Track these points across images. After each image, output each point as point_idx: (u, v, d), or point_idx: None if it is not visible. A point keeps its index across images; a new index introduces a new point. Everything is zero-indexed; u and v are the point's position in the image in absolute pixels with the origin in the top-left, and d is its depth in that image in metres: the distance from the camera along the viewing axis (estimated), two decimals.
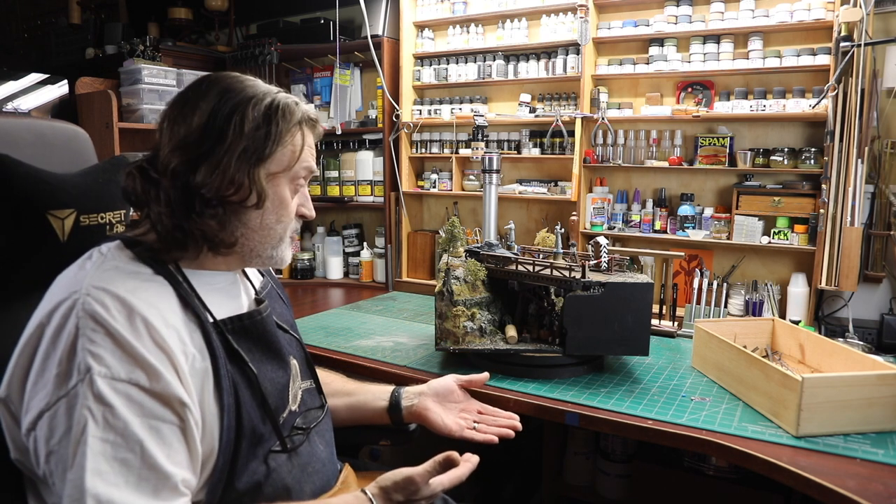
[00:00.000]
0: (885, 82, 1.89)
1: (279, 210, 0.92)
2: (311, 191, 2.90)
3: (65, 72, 3.16)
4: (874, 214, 1.94)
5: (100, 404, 0.71)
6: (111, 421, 0.71)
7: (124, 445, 0.71)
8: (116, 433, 0.71)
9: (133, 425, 0.72)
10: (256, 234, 0.91)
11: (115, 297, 0.76)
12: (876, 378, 1.21)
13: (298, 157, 0.92)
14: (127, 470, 0.71)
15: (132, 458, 0.72)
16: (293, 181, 0.94)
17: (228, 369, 0.85)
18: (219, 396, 0.82)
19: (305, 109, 0.94)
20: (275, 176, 0.91)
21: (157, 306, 0.79)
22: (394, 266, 2.73)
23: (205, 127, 0.85)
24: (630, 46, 2.31)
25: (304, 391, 1.03)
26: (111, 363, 0.73)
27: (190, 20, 3.22)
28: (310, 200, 1.00)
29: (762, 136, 2.15)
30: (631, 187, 2.36)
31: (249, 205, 0.88)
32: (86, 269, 0.81)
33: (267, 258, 0.95)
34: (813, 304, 2.00)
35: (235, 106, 0.87)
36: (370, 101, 2.85)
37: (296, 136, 0.91)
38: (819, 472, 1.07)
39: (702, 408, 1.35)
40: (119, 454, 0.71)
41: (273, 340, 0.97)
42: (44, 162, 1.01)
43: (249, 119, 0.87)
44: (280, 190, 0.92)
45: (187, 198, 0.85)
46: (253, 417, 0.86)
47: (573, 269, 1.47)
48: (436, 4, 2.58)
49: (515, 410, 1.41)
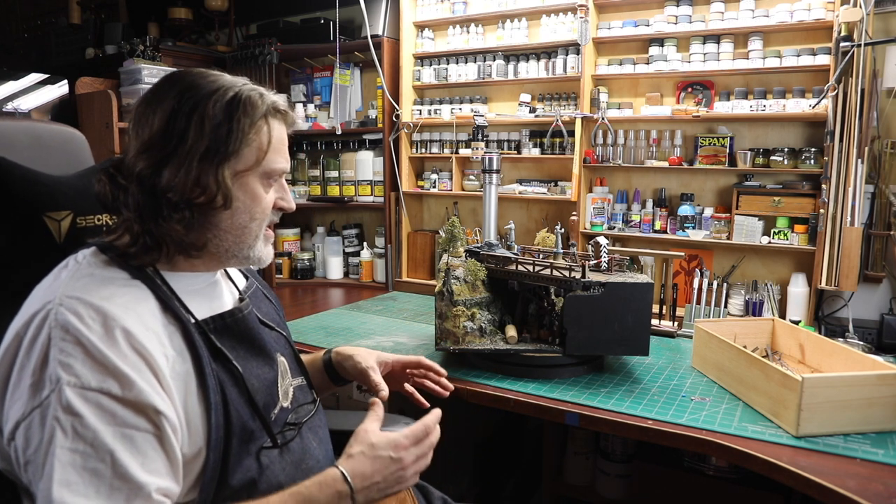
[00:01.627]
0: (885, 82, 1.89)
1: (252, 208, 0.89)
2: (311, 191, 2.93)
3: (65, 72, 3.16)
4: (874, 214, 1.94)
5: (68, 414, 0.70)
6: (80, 431, 0.70)
7: (94, 455, 0.70)
8: (86, 443, 0.70)
9: (104, 434, 0.71)
10: (230, 234, 0.89)
11: (88, 305, 0.75)
12: (876, 378, 1.21)
13: (266, 153, 0.88)
14: (98, 480, 0.70)
15: (103, 468, 0.70)
16: (265, 178, 0.90)
17: (213, 368, 0.84)
18: (204, 396, 0.82)
19: (272, 101, 0.90)
20: (243, 174, 0.87)
21: (135, 310, 0.79)
22: (394, 266, 2.73)
23: (166, 128, 0.83)
24: (630, 46, 2.31)
25: (295, 388, 1.02)
26: (81, 372, 0.72)
27: (190, 20, 3.22)
28: (289, 192, 0.96)
29: (762, 136, 2.15)
30: (631, 187, 2.36)
31: (217, 206, 0.85)
32: (60, 278, 0.80)
33: (244, 258, 0.92)
34: (813, 304, 2.00)
35: (195, 104, 0.84)
36: (370, 101, 2.85)
37: (262, 130, 0.88)
38: (819, 472, 1.07)
39: (702, 408, 1.35)
40: (89, 464, 0.70)
41: (256, 337, 0.96)
42: (41, 164, 1.01)
43: (210, 117, 0.83)
44: (251, 188, 0.88)
45: (154, 202, 0.83)
46: (242, 414, 0.86)
47: (573, 269, 1.47)
48: (436, 4, 2.58)
49: (515, 410, 1.42)
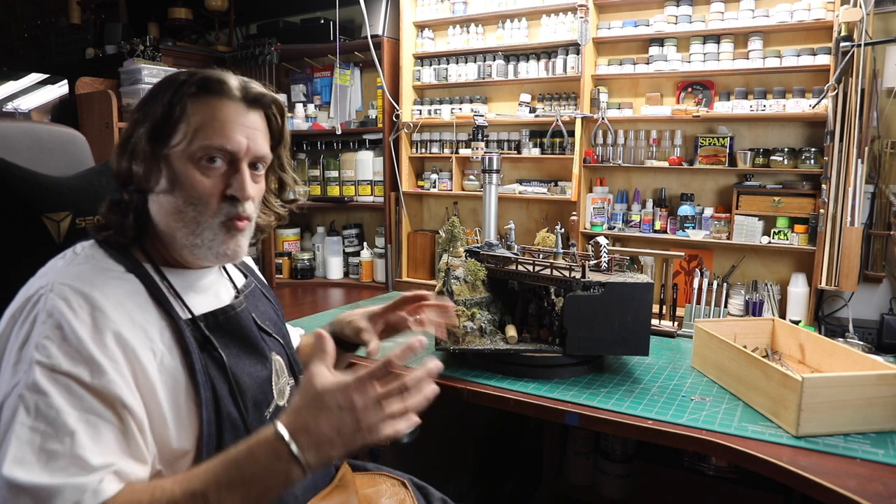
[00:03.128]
0: (885, 82, 1.89)
1: (187, 191, 0.86)
2: (311, 191, 2.92)
3: (65, 72, 3.16)
4: (874, 214, 1.94)
5: (34, 392, 0.70)
6: (43, 409, 0.70)
7: (54, 435, 0.69)
8: (47, 423, 0.69)
9: (67, 416, 0.70)
10: (170, 217, 0.87)
11: (78, 292, 0.77)
12: (876, 378, 1.21)
13: (197, 131, 0.85)
14: (53, 461, 0.68)
15: (60, 449, 0.69)
16: (196, 159, 0.86)
17: (204, 364, 0.84)
18: (195, 392, 0.82)
19: (205, 77, 0.87)
20: (173, 154, 0.86)
21: (124, 304, 0.79)
22: (394, 266, 2.73)
23: (133, 120, 0.88)
24: (630, 46, 2.31)
25: (291, 387, 1.02)
26: (54, 354, 0.72)
27: (190, 20, 3.22)
28: (243, 179, 0.88)
29: (762, 136, 2.15)
30: (631, 187, 2.36)
31: (151, 188, 0.87)
32: (58, 266, 0.83)
33: (192, 246, 0.88)
34: (813, 304, 2.00)
35: (154, 90, 0.88)
36: (370, 101, 2.85)
37: (185, 107, 0.85)
38: (819, 472, 1.07)
39: (702, 408, 1.35)
40: (47, 444, 0.69)
41: (249, 335, 0.95)
42: (41, 166, 1.02)
43: (158, 98, 0.86)
44: (180, 170, 0.85)
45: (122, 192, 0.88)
46: (232, 411, 0.86)
47: (573, 269, 1.47)
48: (436, 4, 2.58)
49: (515, 410, 1.41)
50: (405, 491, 1.14)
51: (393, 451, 1.79)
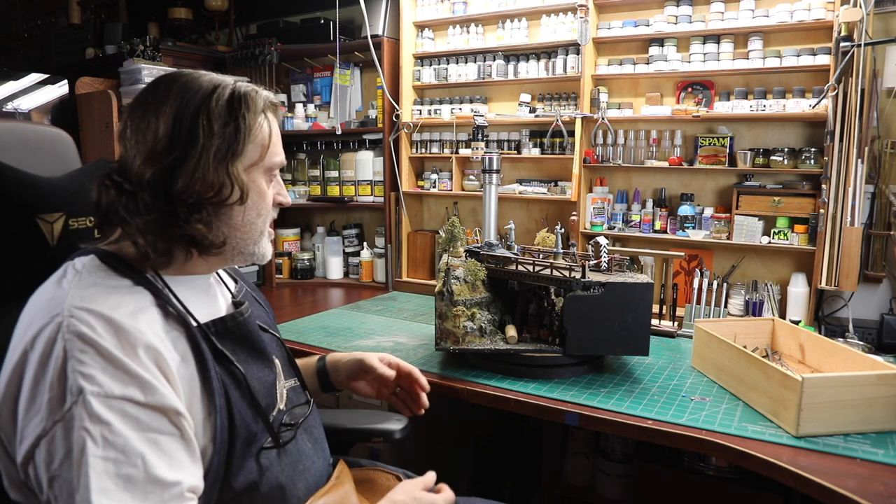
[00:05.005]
0: (885, 82, 1.89)
1: (259, 203, 0.92)
2: (311, 191, 2.93)
3: (65, 72, 3.16)
4: (874, 214, 1.94)
5: (96, 424, 0.70)
6: (110, 438, 0.71)
7: (126, 461, 0.71)
8: (117, 450, 0.71)
9: (132, 440, 0.72)
10: (239, 231, 0.91)
11: (99, 316, 0.75)
12: (876, 378, 1.21)
13: (269, 147, 0.92)
14: (132, 486, 0.71)
15: (135, 473, 0.71)
16: (268, 172, 0.93)
17: (217, 371, 0.85)
18: (209, 399, 0.82)
19: (266, 95, 0.93)
20: (250, 169, 0.90)
21: (141, 318, 0.79)
22: (394, 266, 2.73)
23: (172, 133, 0.83)
24: (630, 46, 2.31)
25: (288, 389, 1.03)
26: (103, 381, 0.72)
27: (190, 20, 3.22)
28: (283, 187, 0.99)
29: (762, 136, 2.15)
30: (631, 187, 2.36)
31: (233, 202, 0.87)
32: (63, 288, 0.79)
33: (249, 255, 0.94)
34: (813, 304, 2.00)
35: (199, 105, 0.85)
36: (370, 101, 2.85)
37: (263, 125, 0.91)
38: (819, 472, 1.07)
39: (702, 408, 1.35)
40: (122, 471, 0.71)
41: (257, 340, 0.97)
42: (28, 166, 1.00)
43: (216, 116, 0.85)
44: (258, 183, 0.91)
45: (170, 207, 0.83)
46: (245, 416, 0.86)
47: (573, 269, 1.47)
48: (436, 4, 2.58)
49: (515, 410, 1.42)
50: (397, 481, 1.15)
51: (393, 451, 1.79)
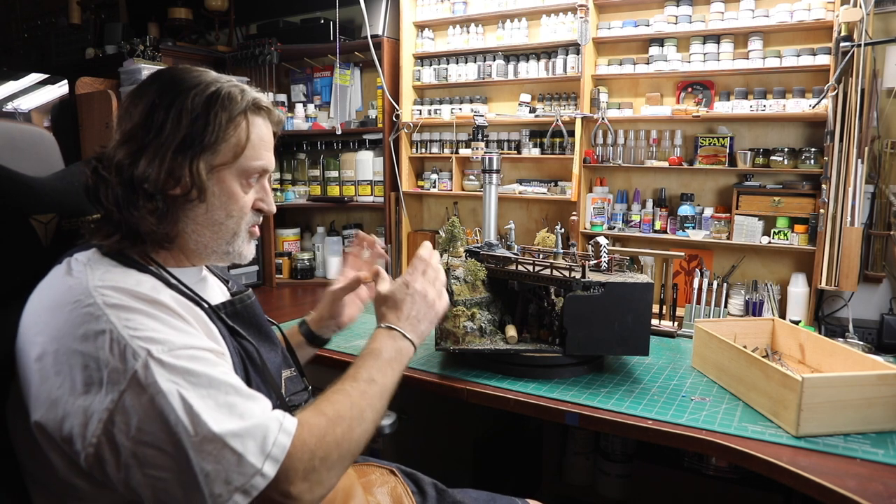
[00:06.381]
0: (885, 82, 1.89)
1: (228, 205, 0.90)
2: (311, 191, 2.92)
3: (65, 72, 3.16)
4: (874, 214, 1.94)
5: (176, 374, 0.72)
6: (195, 381, 0.73)
7: (220, 392, 0.74)
8: (208, 387, 0.73)
9: (214, 374, 0.75)
10: (206, 229, 0.90)
11: (125, 291, 0.77)
12: (876, 378, 1.21)
13: (244, 150, 0.89)
14: (236, 409, 0.74)
15: (233, 399, 0.74)
16: (243, 175, 0.90)
17: (234, 347, 0.87)
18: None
19: (253, 97, 0.90)
20: (219, 169, 0.88)
21: (163, 292, 0.81)
22: (394, 266, 2.73)
23: (145, 119, 0.84)
24: (630, 46, 2.31)
25: (286, 379, 1.05)
26: (162, 338, 0.74)
27: (190, 20, 3.22)
28: (270, 194, 0.96)
29: (762, 136, 2.15)
30: (631, 187, 2.36)
31: (192, 199, 0.86)
32: (77, 276, 0.79)
33: (223, 254, 0.93)
34: (813, 304, 2.00)
35: (174, 97, 0.85)
36: (370, 101, 2.85)
37: (240, 126, 0.88)
38: (819, 472, 1.07)
39: (702, 408, 1.35)
40: (220, 400, 0.73)
41: (263, 324, 1.00)
42: (13, 165, 0.98)
43: (188, 109, 0.84)
44: (227, 185, 0.89)
45: (131, 192, 0.83)
46: (263, 391, 0.87)
47: (573, 269, 1.47)
48: (436, 4, 2.58)
49: (515, 410, 1.41)
50: (395, 478, 1.17)
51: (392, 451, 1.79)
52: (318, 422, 0.80)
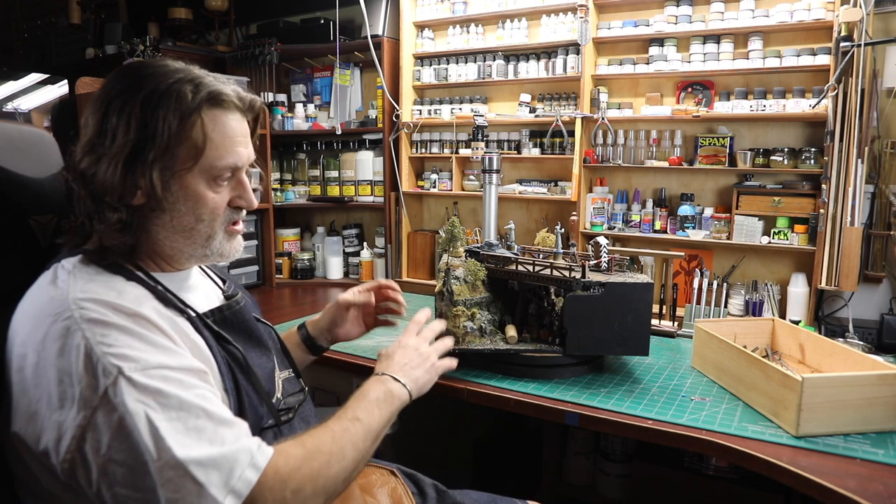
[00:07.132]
0: (885, 82, 1.89)
1: (196, 209, 0.85)
2: (311, 191, 2.92)
3: (65, 72, 3.17)
4: (874, 214, 1.94)
5: (146, 394, 0.71)
6: (165, 402, 0.72)
7: (189, 416, 0.72)
8: (178, 409, 0.72)
9: (184, 397, 0.73)
10: (178, 235, 0.87)
11: (106, 304, 0.76)
12: (876, 378, 1.21)
13: (204, 150, 0.83)
14: (205, 434, 0.72)
15: (202, 423, 0.73)
16: (209, 178, 0.85)
17: (222, 356, 0.86)
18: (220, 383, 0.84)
19: (209, 91, 0.83)
20: (180, 174, 0.83)
21: (145, 304, 0.79)
22: (394, 266, 2.73)
23: (99, 126, 0.81)
24: (630, 46, 2.31)
25: (283, 380, 1.05)
26: (135, 356, 0.73)
27: (190, 20, 3.22)
28: (248, 189, 0.91)
29: (762, 136, 2.15)
30: (631, 187, 2.36)
31: (154, 208, 0.82)
32: (60, 287, 0.78)
33: (202, 256, 0.90)
34: (813, 304, 2.00)
35: (125, 101, 0.80)
36: (370, 101, 2.85)
37: (195, 125, 0.82)
38: (819, 472, 1.07)
39: (702, 408, 1.35)
40: (189, 424, 0.72)
41: (254, 329, 0.98)
42: (13, 166, 0.98)
43: (136, 115, 0.79)
44: (192, 189, 0.84)
45: (98, 203, 0.81)
46: (252, 399, 0.88)
47: (573, 269, 1.47)
48: (436, 4, 2.58)
49: (515, 410, 1.41)
50: (395, 479, 1.16)
51: (392, 451, 1.79)
52: (295, 452, 0.79)
